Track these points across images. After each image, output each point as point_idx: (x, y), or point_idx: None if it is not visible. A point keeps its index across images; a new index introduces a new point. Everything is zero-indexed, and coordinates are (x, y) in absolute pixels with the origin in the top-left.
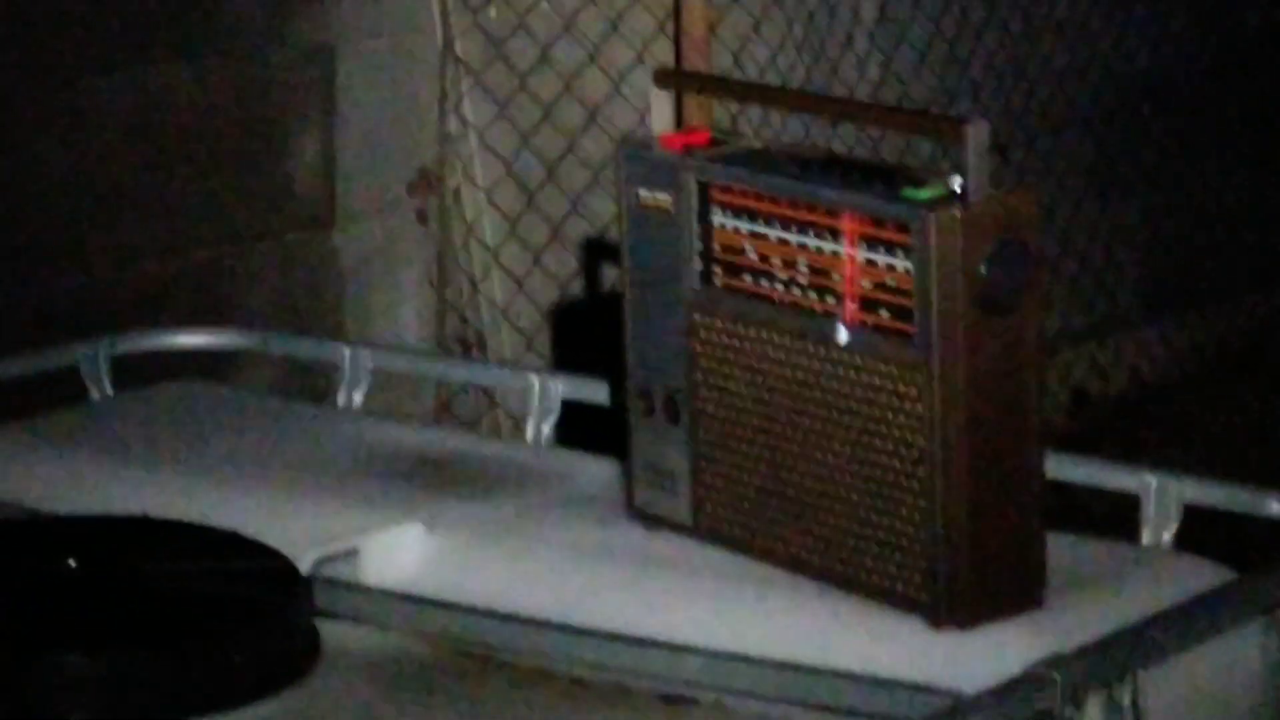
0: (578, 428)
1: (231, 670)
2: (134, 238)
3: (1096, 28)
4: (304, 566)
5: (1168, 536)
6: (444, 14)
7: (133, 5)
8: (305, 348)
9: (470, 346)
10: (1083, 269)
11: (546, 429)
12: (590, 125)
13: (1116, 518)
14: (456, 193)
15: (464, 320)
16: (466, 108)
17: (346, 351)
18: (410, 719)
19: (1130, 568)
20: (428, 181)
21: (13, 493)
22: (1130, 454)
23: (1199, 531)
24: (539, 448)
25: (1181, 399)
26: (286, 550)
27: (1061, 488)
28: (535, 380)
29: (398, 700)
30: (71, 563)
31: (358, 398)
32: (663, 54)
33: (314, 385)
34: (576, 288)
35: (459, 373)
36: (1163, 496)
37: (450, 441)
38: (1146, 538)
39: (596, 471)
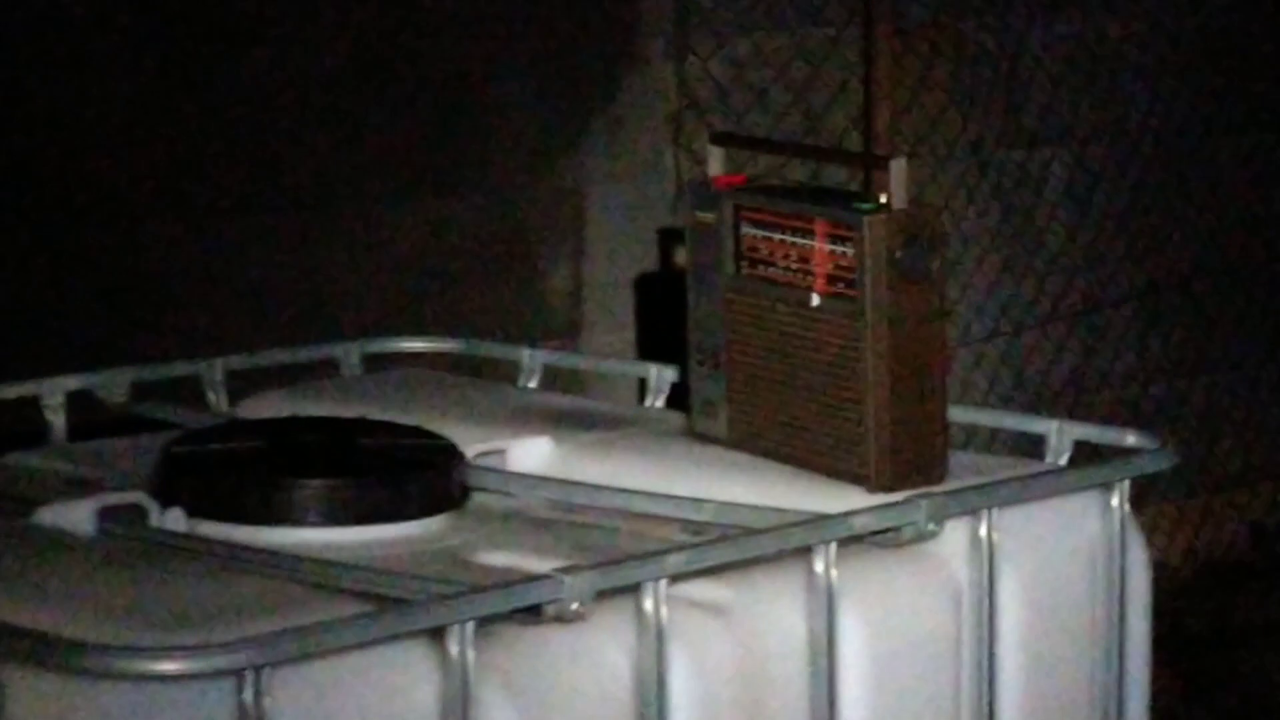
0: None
1: (410, 496)
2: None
3: None
4: (469, 456)
5: (1062, 462)
6: (676, 163)
7: (419, 149)
8: (496, 350)
9: None
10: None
11: (659, 403)
12: None
13: None
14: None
15: None
16: None
17: (526, 351)
18: (531, 537)
19: (1022, 469)
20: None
21: None
22: None
23: None
24: (644, 407)
25: None
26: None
27: None
28: (652, 369)
29: (520, 528)
30: (312, 436)
31: (533, 383)
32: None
33: None
34: None
35: (605, 365)
36: (1060, 434)
37: (579, 403)
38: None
39: (675, 418)
